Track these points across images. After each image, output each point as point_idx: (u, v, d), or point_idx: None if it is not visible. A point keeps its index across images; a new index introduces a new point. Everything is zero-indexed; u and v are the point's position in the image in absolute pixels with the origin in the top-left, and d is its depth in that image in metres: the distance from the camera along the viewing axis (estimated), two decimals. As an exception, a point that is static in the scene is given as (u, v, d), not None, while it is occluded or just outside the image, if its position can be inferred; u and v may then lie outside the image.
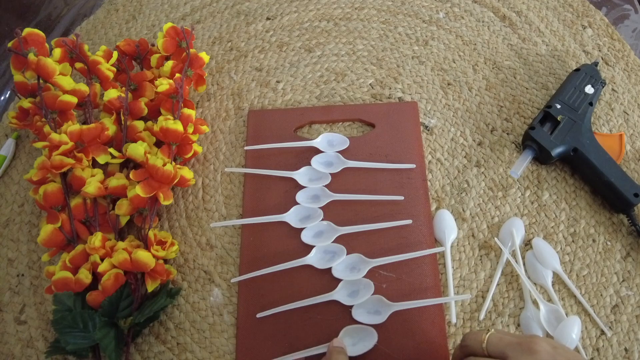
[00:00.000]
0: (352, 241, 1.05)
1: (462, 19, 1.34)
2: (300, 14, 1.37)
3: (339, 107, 1.23)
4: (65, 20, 1.43)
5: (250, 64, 1.29)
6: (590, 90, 1.15)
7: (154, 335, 1.00)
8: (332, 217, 1.07)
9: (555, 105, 1.12)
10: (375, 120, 1.19)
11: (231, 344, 0.98)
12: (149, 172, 1.01)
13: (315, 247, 1.04)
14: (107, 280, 0.94)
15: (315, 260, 1.03)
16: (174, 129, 1.03)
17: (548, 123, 1.12)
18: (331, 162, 1.14)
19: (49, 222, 0.99)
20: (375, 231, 1.06)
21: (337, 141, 1.16)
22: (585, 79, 1.16)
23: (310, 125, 1.22)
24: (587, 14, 1.35)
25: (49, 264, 1.05)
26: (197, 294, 1.03)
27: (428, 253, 1.03)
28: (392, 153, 1.15)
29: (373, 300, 0.98)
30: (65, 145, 0.98)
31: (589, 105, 1.13)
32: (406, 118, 1.20)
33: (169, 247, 1.00)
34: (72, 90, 1.05)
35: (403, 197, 1.09)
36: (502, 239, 1.05)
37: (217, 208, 1.11)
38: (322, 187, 1.10)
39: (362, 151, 1.15)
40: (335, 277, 1.01)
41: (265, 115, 1.21)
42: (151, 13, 1.40)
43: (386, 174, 1.13)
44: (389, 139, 1.17)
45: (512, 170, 1.08)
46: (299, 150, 1.15)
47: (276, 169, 1.13)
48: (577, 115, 1.11)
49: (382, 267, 1.02)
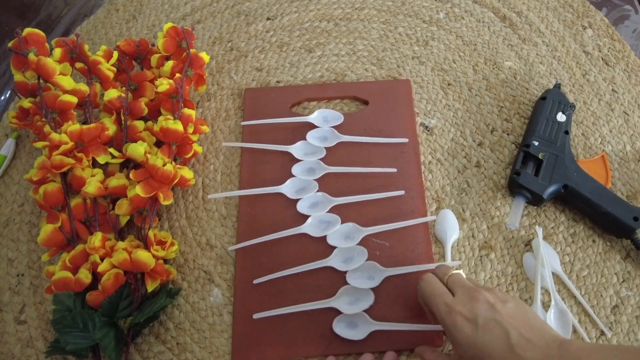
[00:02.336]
0: (347, 211, 1.08)
1: (462, 19, 1.34)
2: (301, 14, 1.37)
3: (334, 85, 1.26)
4: (66, 20, 1.43)
5: (251, 64, 1.29)
6: (562, 117, 1.13)
7: (153, 335, 0.99)
8: (327, 188, 1.10)
9: (533, 143, 1.10)
10: (369, 97, 1.22)
11: (231, 344, 0.98)
12: (149, 172, 1.01)
13: (311, 217, 1.07)
14: (107, 280, 0.93)
15: (311, 228, 1.06)
16: (174, 129, 1.03)
17: (530, 163, 1.10)
18: (326, 137, 1.17)
19: (49, 222, 0.99)
20: (369, 202, 1.09)
21: (331, 117, 1.20)
22: (554, 107, 1.14)
23: (305, 102, 1.24)
24: (588, 15, 1.35)
25: (48, 263, 1.05)
26: (196, 294, 1.03)
27: (420, 222, 1.07)
28: (385, 128, 1.18)
29: (367, 266, 1.02)
30: (65, 145, 0.98)
31: (565, 134, 1.11)
32: (399, 95, 1.23)
33: (168, 247, 1.00)
34: (72, 90, 1.05)
35: (396, 169, 1.12)
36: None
37: (217, 208, 1.11)
38: (317, 161, 1.13)
39: (356, 126, 1.19)
40: (330, 245, 1.05)
41: (261, 93, 1.25)
42: (151, 13, 1.40)
43: (379, 148, 1.16)
44: (382, 115, 1.20)
45: (510, 222, 1.06)
46: (294, 126, 1.19)
47: (272, 144, 1.15)
48: (557, 149, 1.09)
49: (376, 235, 1.06)
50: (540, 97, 1.18)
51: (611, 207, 1.03)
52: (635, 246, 1.03)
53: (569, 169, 1.06)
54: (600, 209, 1.03)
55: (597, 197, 1.04)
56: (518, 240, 1.06)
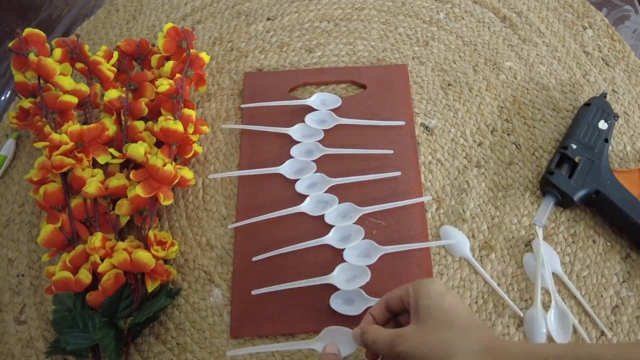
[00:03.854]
0: (344, 192, 1.10)
1: (462, 19, 1.35)
2: (301, 15, 1.37)
3: (332, 70, 1.28)
4: (66, 20, 1.43)
5: (251, 64, 1.29)
6: (604, 125, 1.12)
7: (154, 335, 0.99)
8: (324, 169, 1.12)
9: (571, 146, 1.09)
10: (367, 82, 1.24)
11: (231, 344, 0.98)
12: (149, 173, 1.01)
13: (309, 197, 1.09)
14: (107, 280, 0.94)
15: (309, 208, 1.08)
16: (174, 129, 1.03)
17: (565, 165, 1.09)
18: (324, 120, 1.18)
19: (49, 222, 0.99)
20: (366, 182, 1.11)
21: (330, 100, 1.22)
22: (597, 114, 1.13)
23: (304, 86, 1.26)
24: (588, 15, 1.35)
25: (49, 264, 1.05)
26: (197, 294, 1.03)
27: (415, 202, 1.10)
28: (382, 112, 1.20)
29: (364, 244, 1.04)
30: (65, 145, 0.98)
31: (605, 142, 1.10)
32: (396, 79, 1.25)
33: (169, 247, 1.01)
34: (72, 91, 1.05)
35: (392, 151, 1.14)
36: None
37: (217, 208, 1.11)
38: (315, 142, 1.15)
39: (354, 110, 1.21)
40: (328, 224, 1.07)
41: (261, 77, 1.27)
42: (152, 13, 1.40)
43: (377, 130, 1.18)
44: (379, 98, 1.22)
45: (536, 219, 1.05)
46: (293, 109, 1.20)
47: (272, 126, 1.17)
48: (594, 155, 1.08)
49: (372, 215, 1.08)
50: (585, 103, 1.17)
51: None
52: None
53: (603, 176, 1.06)
54: (630, 220, 1.02)
55: (629, 208, 1.03)
56: (518, 240, 1.06)
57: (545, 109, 1.20)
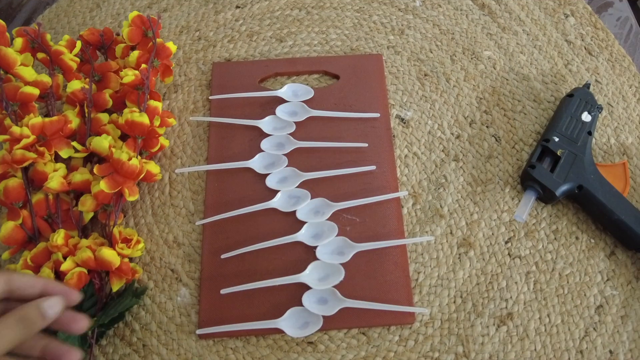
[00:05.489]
0: (317, 187, 1.10)
1: (439, 7, 1.36)
2: (271, 2, 1.37)
3: (304, 59, 1.28)
4: (27, 8, 1.42)
5: (219, 54, 1.29)
6: (587, 117, 1.13)
7: (119, 336, 1.00)
8: (296, 164, 1.13)
9: (553, 139, 1.10)
10: (340, 72, 1.25)
11: (200, 345, 0.99)
12: (114, 167, 1.01)
13: (280, 192, 1.09)
14: (70, 279, 0.94)
15: (280, 203, 1.08)
16: (140, 122, 1.03)
17: (547, 158, 1.10)
18: (296, 112, 1.19)
19: (10, 219, 0.99)
20: (340, 177, 1.11)
21: (301, 91, 1.22)
22: (580, 106, 1.14)
23: (275, 77, 1.26)
24: (570, 2, 1.36)
25: (9, 262, 1.06)
26: (163, 293, 1.03)
27: (391, 197, 1.10)
28: (356, 103, 1.21)
29: (337, 241, 1.04)
30: (26, 138, 0.98)
31: (588, 134, 1.11)
32: (371, 70, 1.25)
33: (134, 245, 1.01)
34: (34, 82, 1.05)
35: (367, 144, 1.14)
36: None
37: (185, 204, 1.11)
38: (287, 135, 1.16)
39: (327, 101, 1.21)
40: (300, 220, 1.07)
41: (230, 67, 1.26)
42: (116, 1, 1.40)
43: (351, 122, 1.18)
44: (353, 89, 1.22)
45: (517, 215, 1.06)
46: (263, 101, 1.21)
47: (241, 118, 1.17)
48: (577, 148, 1.09)
49: (346, 210, 1.08)
50: (567, 94, 1.18)
51: (626, 215, 1.03)
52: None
53: (586, 170, 1.07)
54: (614, 216, 1.03)
55: (613, 203, 1.04)
56: (498, 237, 1.07)
57: (526, 100, 1.21)
